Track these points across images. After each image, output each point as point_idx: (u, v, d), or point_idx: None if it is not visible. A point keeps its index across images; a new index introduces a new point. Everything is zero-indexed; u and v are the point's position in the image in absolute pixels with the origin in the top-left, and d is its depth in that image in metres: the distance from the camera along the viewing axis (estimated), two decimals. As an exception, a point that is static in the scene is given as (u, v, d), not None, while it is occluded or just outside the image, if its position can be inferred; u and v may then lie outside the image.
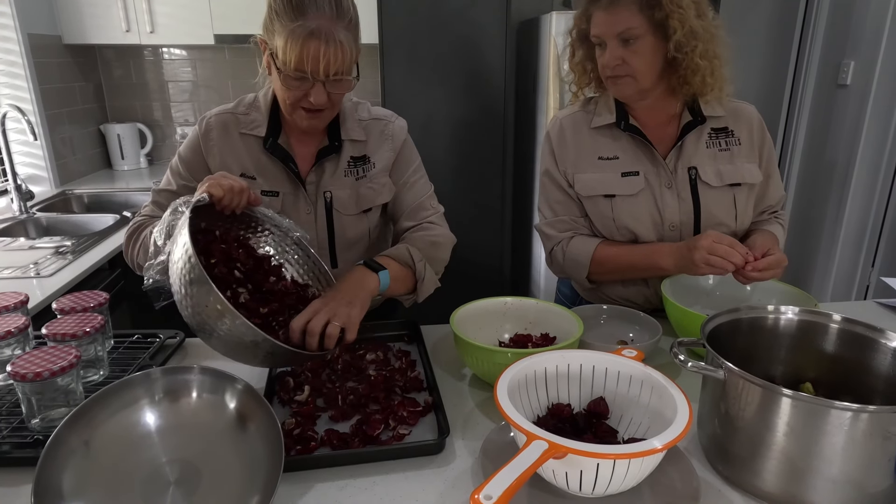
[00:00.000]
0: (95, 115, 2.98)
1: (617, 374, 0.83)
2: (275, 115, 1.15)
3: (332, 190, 1.17)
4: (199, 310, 0.80)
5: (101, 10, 2.61)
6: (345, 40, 0.99)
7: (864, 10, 2.79)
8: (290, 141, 1.17)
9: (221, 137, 1.15)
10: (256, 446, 0.76)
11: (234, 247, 0.98)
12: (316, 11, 0.98)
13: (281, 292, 1.00)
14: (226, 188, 0.94)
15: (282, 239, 1.07)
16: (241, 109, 1.17)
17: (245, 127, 1.15)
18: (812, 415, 0.67)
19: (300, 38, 0.97)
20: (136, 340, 1.14)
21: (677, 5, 1.07)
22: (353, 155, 1.19)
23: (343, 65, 1.01)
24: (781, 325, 0.88)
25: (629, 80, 1.13)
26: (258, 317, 0.94)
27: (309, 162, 1.17)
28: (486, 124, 2.71)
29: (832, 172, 3.03)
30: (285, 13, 0.98)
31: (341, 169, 1.18)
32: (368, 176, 1.20)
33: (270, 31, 1.02)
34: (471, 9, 2.55)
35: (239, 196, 0.96)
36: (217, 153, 1.15)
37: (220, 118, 1.16)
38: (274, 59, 1.02)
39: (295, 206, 1.17)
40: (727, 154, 1.21)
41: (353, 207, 1.19)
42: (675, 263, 1.12)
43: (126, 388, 0.74)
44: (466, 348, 0.96)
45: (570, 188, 1.25)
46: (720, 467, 0.79)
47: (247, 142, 1.15)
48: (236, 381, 0.79)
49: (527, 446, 0.64)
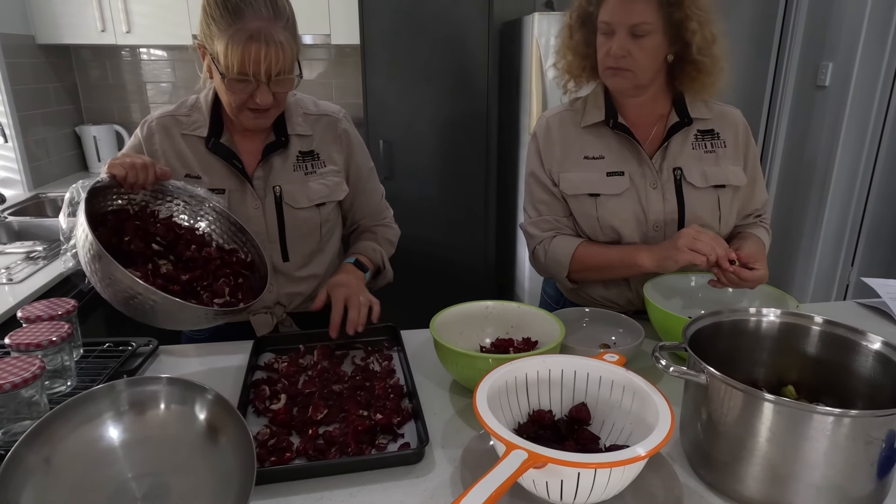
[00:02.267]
0: (71, 117, 2.92)
1: (599, 379, 0.82)
2: (216, 115, 1.17)
3: (281, 184, 1.19)
4: (107, 282, 0.88)
5: (76, 10, 2.56)
6: (284, 40, 1.02)
7: (842, 12, 2.83)
8: (233, 139, 1.18)
9: (164, 140, 1.17)
10: (228, 458, 0.73)
11: (151, 222, 1.04)
12: (253, 14, 0.99)
13: (204, 259, 1.05)
14: (127, 166, 0.99)
15: (199, 208, 1.12)
16: (182, 111, 1.18)
17: (187, 128, 1.17)
18: (794, 420, 0.66)
19: (240, 42, 0.98)
20: (106, 349, 1.10)
21: (699, 8, 1.07)
22: (301, 150, 1.21)
23: (285, 64, 1.04)
24: (763, 327, 0.87)
25: (629, 75, 1.12)
26: (178, 283, 0.99)
27: (255, 158, 1.18)
28: (469, 125, 2.70)
29: (812, 172, 3.06)
30: (222, 18, 0.99)
31: (290, 163, 1.20)
32: (319, 172, 1.23)
33: (208, 36, 1.03)
34: (453, 10, 2.54)
35: (143, 172, 1.01)
36: (161, 156, 1.16)
37: (161, 121, 1.18)
38: (215, 63, 1.03)
39: (242, 202, 1.18)
40: (713, 156, 1.20)
41: (304, 201, 1.20)
42: (654, 258, 1.11)
43: (89, 401, 0.71)
44: (447, 354, 0.94)
45: (554, 187, 1.24)
46: (703, 473, 0.78)
47: (190, 142, 1.17)
48: (206, 391, 0.76)
49: (506, 456, 0.63)
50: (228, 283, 1.06)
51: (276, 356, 1.08)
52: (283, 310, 1.26)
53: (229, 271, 1.07)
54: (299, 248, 1.24)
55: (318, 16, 2.71)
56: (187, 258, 1.04)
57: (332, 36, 2.76)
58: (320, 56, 3.12)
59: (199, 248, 1.06)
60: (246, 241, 1.13)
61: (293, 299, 1.27)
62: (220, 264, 1.07)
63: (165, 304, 0.90)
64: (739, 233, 1.27)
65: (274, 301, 1.25)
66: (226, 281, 1.05)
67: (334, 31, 2.75)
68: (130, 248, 0.99)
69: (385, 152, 2.64)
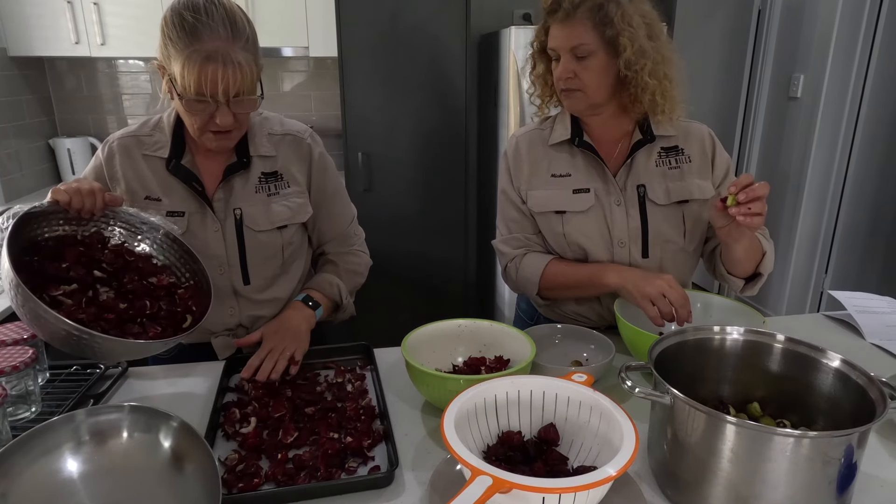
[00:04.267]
0: (44, 129, 2.88)
1: (567, 400, 0.82)
2: (178, 136, 1.15)
3: (241, 206, 1.16)
4: (24, 311, 0.86)
5: (49, 22, 2.53)
6: (244, 60, 0.99)
7: (812, 26, 2.89)
8: (195, 160, 1.16)
9: (125, 161, 1.15)
10: (194, 487, 0.72)
11: (97, 248, 1.02)
12: (210, 35, 0.97)
13: (149, 288, 1.03)
14: (71, 191, 0.97)
15: (153, 234, 1.10)
16: (144, 131, 1.16)
17: (148, 149, 1.15)
18: (755, 441, 0.67)
19: (196, 63, 0.97)
20: (73, 372, 1.09)
21: (628, 24, 1.09)
22: (263, 171, 1.18)
23: (244, 85, 1.01)
24: (728, 345, 0.88)
25: (580, 95, 1.15)
26: (114, 312, 0.97)
27: (217, 179, 1.16)
28: (447, 137, 2.71)
29: (786, 182, 3.12)
30: (179, 39, 0.97)
31: (251, 185, 1.17)
32: (282, 193, 1.19)
33: (166, 56, 1.01)
34: (430, 22, 2.55)
35: (90, 197, 0.98)
36: (121, 177, 1.14)
37: (122, 142, 1.16)
38: (174, 84, 1.01)
39: (202, 225, 1.15)
40: (677, 172, 1.22)
41: (265, 223, 1.17)
42: (620, 277, 1.13)
43: (48, 432, 0.70)
44: (418, 375, 0.94)
45: (523, 205, 1.26)
46: (669, 492, 0.78)
47: (151, 163, 1.15)
48: (171, 418, 0.75)
49: (471, 482, 0.63)
50: (171, 310, 1.03)
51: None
52: (246, 332, 1.23)
53: (172, 301, 1.05)
54: (261, 272, 1.21)
55: (297, 28, 2.71)
56: (128, 289, 1.01)
57: (310, 48, 2.76)
58: (299, 68, 3.11)
59: (143, 277, 1.04)
60: (198, 269, 1.10)
61: (256, 322, 1.24)
62: (164, 294, 1.04)
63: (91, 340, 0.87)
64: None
65: (236, 324, 1.22)
66: (167, 309, 1.03)
67: (312, 44, 2.75)
68: (70, 275, 0.97)
69: (364, 164, 2.63)
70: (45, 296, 0.93)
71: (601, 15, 1.09)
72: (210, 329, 1.20)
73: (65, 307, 0.94)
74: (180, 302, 1.05)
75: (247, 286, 1.20)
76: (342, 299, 1.26)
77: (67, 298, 0.95)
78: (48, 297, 0.93)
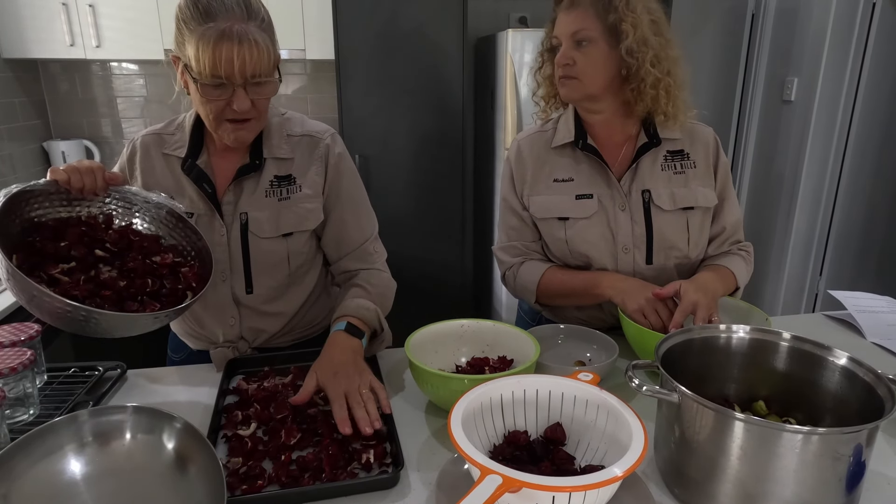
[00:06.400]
0: (38, 132, 2.85)
1: (573, 399, 0.82)
2: (197, 135, 1.12)
3: (248, 211, 1.12)
4: (17, 291, 0.85)
5: (44, 24, 2.51)
6: (259, 39, 0.96)
7: (805, 29, 2.92)
8: (210, 160, 1.13)
9: (144, 159, 1.13)
10: (197, 488, 0.71)
11: (101, 228, 1.01)
12: (225, 14, 0.95)
13: (151, 267, 1.01)
14: (70, 170, 0.95)
15: (157, 212, 1.08)
16: (169, 129, 1.15)
17: (169, 147, 1.13)
18: (764, 438, 0.67)
19: (211, 41, 0.93)
20: (72, 374, 1.07)
21: (630, 10, 1.09)
22: (276, 174, 1.13)
23: (261, 65, 0.97)
24: (734, 343, 0.88)
25: (576, 83, 1.14)
26: (114, 290, 0.95)
27: (229, 181, 1.12)
28: (445, 140, 2.71)
29: (780, 184, 3.14)
30: (192, 19, 0.95)
31: (262, 189, 1.12)
32: (293, 198, 1.14)
33: (181, 42, 0.99)
34: (427, 25, 2.55)
35: (90, 176, 0.97)
36: (139, 175, 1.13)
37: (145, 140, 1.14)
38: (189, 71, 0.98)
39: (209, 228, 1.11)
40: (682, 177, 1.21)
41: (270, 230, 1.12)
42: (613, 289, 1.13)
43: (49, 433, 0.69)
44: (421, 375, 0.94)
45: (524, 212, 1.25)
46: (677, 491, 0.78)
47: (169, 162, 1.13)
48: (174, 419, 0.74)
49: (481, 481, 0.62)
50: (173, 288, 1.02)
51: (246, 378, 1.06)
52: (248, 345, 1.19)
53: (174, 279, 1.03)
54: (265, 281, 1.15)
55: (293, 31, 2.71)
56: (129, 268, 0.99)
57: (307, 51, 2.76)
58: (296, 71, 3.10)
59: (147, 256, 1.02)
60: (202, 247, 1.07)
61: (258, 335, 1.20)
62: (167, 272, 1.02)
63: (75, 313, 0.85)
64: (707, 265, 1.23)
65: (237, 336, 1.18)
66: (170, 287, 1.02)
67: (309, 47, 2.74)
68: (71, 254, 0.96)
69: (361, 167, 2.63)
70: (43, 274, 0.92)
71: (605, 2, 1.09)
72: (210, 338, 1.19)
73: (62, 284, 0.92)
74: (184, 280, 1.03)
75: (249, 295, 1.15)
76: (381, 326, 1.12)
77: (65, 276, 0.94)
78: (46, 275, 0.92)
